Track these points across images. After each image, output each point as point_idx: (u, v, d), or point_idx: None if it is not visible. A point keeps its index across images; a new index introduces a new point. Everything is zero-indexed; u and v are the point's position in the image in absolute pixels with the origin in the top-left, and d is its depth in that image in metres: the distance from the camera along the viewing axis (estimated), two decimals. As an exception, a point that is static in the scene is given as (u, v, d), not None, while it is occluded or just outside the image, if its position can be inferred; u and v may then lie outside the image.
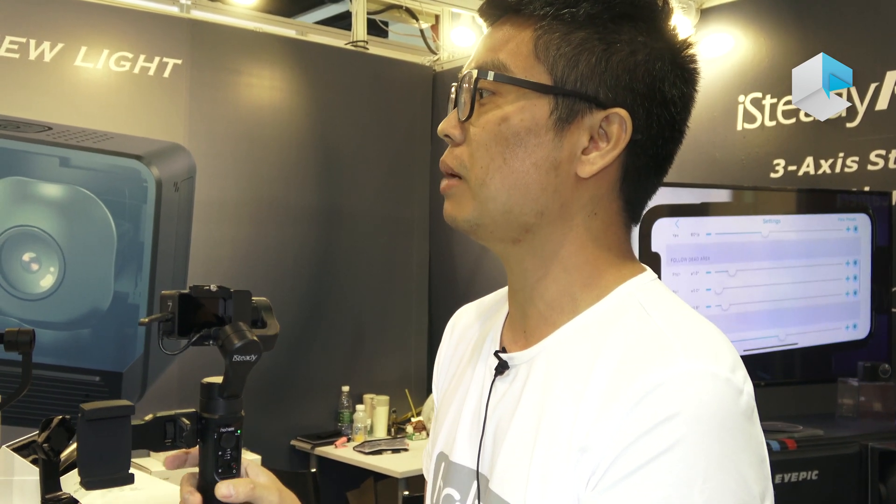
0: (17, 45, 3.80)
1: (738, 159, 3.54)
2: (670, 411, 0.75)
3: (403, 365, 4.99)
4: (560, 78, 0.85)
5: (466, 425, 0.95)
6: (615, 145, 0.85)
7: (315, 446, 4.42)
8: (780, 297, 2.86)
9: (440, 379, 1.11)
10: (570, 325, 0.89)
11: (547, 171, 0.87)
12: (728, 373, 0.78)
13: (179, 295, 0.94)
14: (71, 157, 3.89)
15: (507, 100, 0.87)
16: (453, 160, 0.90)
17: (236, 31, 4.51)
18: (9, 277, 3.77)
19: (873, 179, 3.14)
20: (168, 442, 0.92)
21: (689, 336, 0.81)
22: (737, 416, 0.77)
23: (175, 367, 4.06)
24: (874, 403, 2.76)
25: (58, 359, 3.84)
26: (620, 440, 0.76)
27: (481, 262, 4.80)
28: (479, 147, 0.87)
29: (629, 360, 0.80)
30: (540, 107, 0.86)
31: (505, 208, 0.87)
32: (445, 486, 0.96)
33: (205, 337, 0.95)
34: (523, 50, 0.87)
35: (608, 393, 0.79)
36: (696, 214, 2.80)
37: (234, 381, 0.92)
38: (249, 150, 4.43)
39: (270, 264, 4.48)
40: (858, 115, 3.20)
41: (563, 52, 0.85)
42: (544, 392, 0.86)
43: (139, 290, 4.03)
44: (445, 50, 5.23)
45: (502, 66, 0.87)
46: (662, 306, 0.86)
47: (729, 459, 0.75)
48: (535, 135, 0.86)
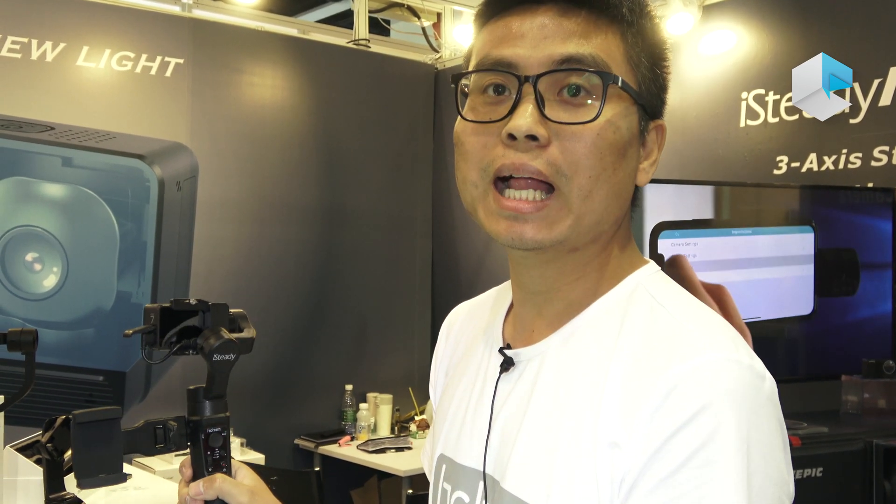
0: (19, 45, 3.81)
1: (741, 156, 3.53)
2: (701, 403, 0.74)
3: (407, 363, 4.99)
4: (642, 87, 0.86)
5: (469, 425, 0.94)
6: (658, 151, 0.88)
7: (319, 445, 4.43)
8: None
9: (438, 380, 1.10)
10: (578, 318, 0.87)
11: (632, 180, 0.87)
12: (749, 360, 0.77)
13: (161, 308, 1.00)
14: (73, 157, 3.90)
15: (614, 106, 0.83)
16: (545, 165, 0.81)
17: (238, 30, 4.51)
18: (12, 277, 3.77)
19: (876, 176, 3.14)
20: (160, 446, 0.99)
21: (706, 326, 0.81)
22: (764, 401, 0.76)
23: (178, 367, 4.06)
24: (878, 400, 2.76)
25: (61, 359, 3.84)
26: (655, 437, 0.74)
27: (484, 260, 4.80)
28: (592, 153, 0.81)
29: (650, 352, 0.79)
30: (634, 115, 0.85)
31: (598, 220, 0.84)
32: (454, 489, 0.94)
33: (185, 347, 1.01)
34: (615, 52, 0.83)
35: (632, 386, 0.78)
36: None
37: (217, 381, 0.99)
38: (252, 148, 4.43)
39: (273, 263, 4.48)
40: (862, 111, 3.19)
41: (644, 63, 0.85)
42: (559, 387, 0.84)
43: (142, 290, 4.04)
44: (447, 48, 5.23)
45: (604, 64, 0.82)
46: (674, 297, 0.86)
47: (765, 445, 0.75)
48: (632, 145, 0.85)
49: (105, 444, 0.93)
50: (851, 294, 2.99)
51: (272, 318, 4.37)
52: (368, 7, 5.01)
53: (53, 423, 2.28)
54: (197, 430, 0.98)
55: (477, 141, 0.85)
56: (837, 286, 2.98)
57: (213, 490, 0.97)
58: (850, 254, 3.00)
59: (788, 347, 2.98)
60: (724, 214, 2.92)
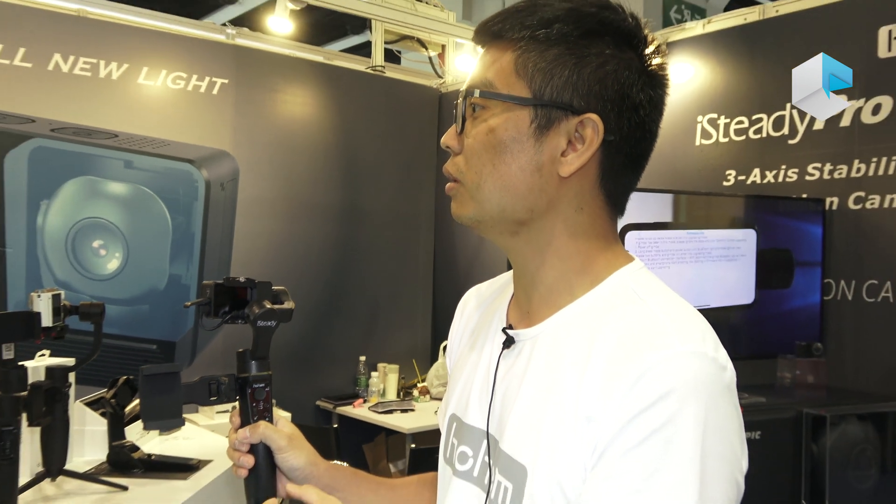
0: (90, 66, 3.80)
1: (696, 169, 3.54)
2: (667, 388, 0.72)
3: (411, 339, 4.99)
4: (538, 90, 0.83)
5: (476, 391, 0.93)
6: (589, 146, 0.83)
7: (336, 406, 4.44)
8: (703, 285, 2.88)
9: (453, 350, 1.09)
10: (570, 307, 0.86)
11: (531, 173, 0.84)
12: (713, 352, 0.76)
13: (215, 284, 1.00)
14: (134, 161, 3.90)
15: (494, 112, 0.85)
16: (452, 167, 0.89)
17: (274, 56, 4.50)
18: (81, 261, 3.78)
19: (810, 188, 3.15)
20: (213, 398, 0.98)
21: (679, 321, 0.79)
22: (723, 389, 0.75)
23: (220, 338, 4.07)
24: (808, 376, 2.77)
25: (122, 330, 3.84)
26: (624, 414, 0.73)
27: (479, 253, 4.80)
28: (473, 155, 0.86)
29: (628, 341, 0.77)
30: (521, 117, 0.84)
31: (499, 207, 0.85)
32: (459, 444, 0.94)
33: (235, 317, 1.01)
34: (506, 68, 0.85)
35: (610, 369, 0.76)
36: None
37: (261, 344, 0.99)
38: (284, 156, 4.43)
39: (300, 253, 4.48)
40: (799, 133, 3.20)
41: (539, 68, 0.83)
42: (549, 366, 0.84)
43: (190, 273, 4.04)
44: (450, 74, 5.23)
45: (490, 84, 0.85)
46: (654, 293, 0.84)
47: (719, 427, 0.73)
48: (518, 142, 0.84)
49: (167, 394, 0.94)
50: (787, 287, 3.00)
51: (298, 299, 4.24)
52: (384, 39, 5.02)
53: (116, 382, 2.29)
54: (244, 385, 0.98)
55: None
56: (775, 280, 2.99)
57: (256, 435, 0.97)
58: (786, 253, 3.02)
59: (733, 331, 2.99)
60: (680, 218, 2.93)
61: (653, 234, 2.80)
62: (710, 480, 0.72)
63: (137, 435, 2.40)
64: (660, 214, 2.85)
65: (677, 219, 2.90)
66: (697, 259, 2.88)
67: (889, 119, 2.92)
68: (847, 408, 2.47)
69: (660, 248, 2.80)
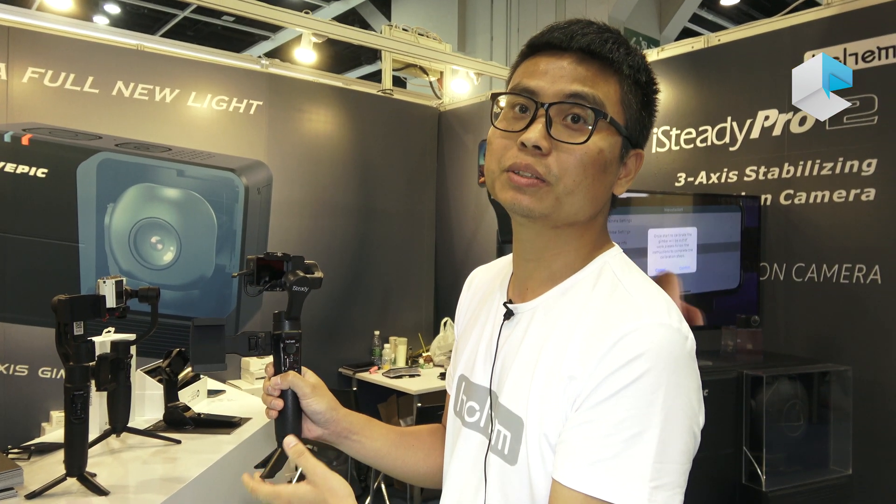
0: (147, 91, 3.77)
1: (652, 173, 3.51)
2: (637, 352, 0.72)
3: (417, 316, 4.97)
4: (627, 123, 0.83)
5: (482, 355, 0.93)
6: (634, 172, 0.86)
7: (356, 372, 4.41)
8: (683, 263, 2.85)
9: (460, 320, 1.07)
10: (562, 284, 0.86)
11: (608, 189, 0.84)
12: (677, 324, 0.75)
13: (257, 258, 0.98)
14: (185, 170, 3.87)
15: (603, 135, 0.81)
16: (542, 168, 0.79)
17: (301, 82, 4.46)
18: (141, 254, 3.76)
19: (748, 187, 3.12)
20: (252, 351, 0.97)
21: (648, 298, 0.79)
22: (684, 355, 0.74)
23: (258, 317, 4.05)
24: (747, 344, 2.75)
25: (175, 311, 3.83)
26: (600, 373, 0.73)
27: (472, 244, 4.78)
28: (577, 166, 0.79)
29: (606, 314, 0.77)
30: (617, 145, 0.82)
31: (575, 211, 0.82)
32: (468, 399, 0.94)
33: (273, 285, 0.98)
34: (612, 97, 0.81)
35: (591, 337, 0.76)
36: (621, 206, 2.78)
37: (294, 306, 0.97)
38: (310, 165, 4.40)
39: (324, 245, 4.46)
40: (738, 141, 3.17)
41: (633, 107, 0.83)
42: (541, 334, 0.83)
43: (233, 263, 4.01)
44: (447, 96, 5.19)
45: (601, 104, 0.80)
46: (628, 274, 0.84)
47: (680, 387, 0.73)
48: (612, 164, 0.83)
49: (213, 343, 0.92)
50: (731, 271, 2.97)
51: (323, 285, 4.34)
52: (392, 67, 4.99)
53: (170, 354, 2.27)
54: (278, 340, 0.97)
55: (500, 143, 0.83)
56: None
57: (286, 382, 0.95)
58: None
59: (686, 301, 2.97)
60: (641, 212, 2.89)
61: (619, 226, 2.77)
62: (670, 429, 0.71)
63: (189, 397, 2.38)
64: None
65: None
66: (652, 249, 2.85)
67: (813, 129, 2.89)
68: (780, 369, 2.46)
69: (628, 239, 2.77)
